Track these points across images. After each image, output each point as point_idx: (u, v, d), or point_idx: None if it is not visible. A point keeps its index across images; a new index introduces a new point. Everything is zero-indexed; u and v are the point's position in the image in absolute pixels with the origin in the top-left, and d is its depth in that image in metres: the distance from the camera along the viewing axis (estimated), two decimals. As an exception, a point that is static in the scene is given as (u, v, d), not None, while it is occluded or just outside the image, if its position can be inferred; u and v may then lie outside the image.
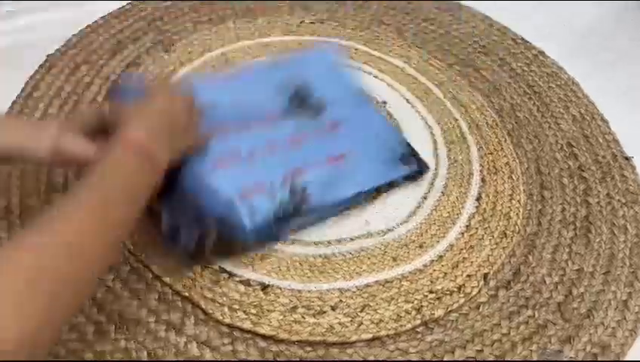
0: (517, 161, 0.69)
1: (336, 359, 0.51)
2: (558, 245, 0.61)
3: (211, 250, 0.53)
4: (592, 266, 0.60)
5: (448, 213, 0.63)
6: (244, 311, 0.53)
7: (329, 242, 0.59)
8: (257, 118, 0.61)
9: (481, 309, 0.55)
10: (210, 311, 0.52)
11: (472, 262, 0.59)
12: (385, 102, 0.74)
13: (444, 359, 0.51)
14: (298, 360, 0.50)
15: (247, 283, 0.55)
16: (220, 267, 0.55)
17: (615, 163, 0.70)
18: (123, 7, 0.84)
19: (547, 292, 0.57)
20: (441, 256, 0.59)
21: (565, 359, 0.52)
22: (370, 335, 0.52)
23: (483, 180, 0.67)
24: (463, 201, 0.64)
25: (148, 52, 0.77)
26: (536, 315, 0.55)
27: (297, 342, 0.51)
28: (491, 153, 0.70)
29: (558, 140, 0.72)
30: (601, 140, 0.72)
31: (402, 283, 0.56)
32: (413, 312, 0.54)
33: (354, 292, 0.55)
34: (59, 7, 0.82)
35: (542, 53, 0.84)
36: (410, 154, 0.64)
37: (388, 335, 0.52)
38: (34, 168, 0.60)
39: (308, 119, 0.63)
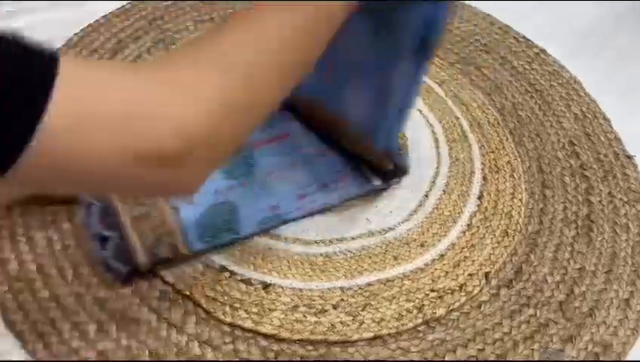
0: (518, 159, 0.69)
1: (338, 358, 0.51)
2: (559, 244, 0.61)
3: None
4: (593, 265, 0.59)
5: (450, 211, 0.63)
6: (246, 310, 0.53)
7: (330, 241, 0.59)
8: None
9: (482, 308, 0.55)
10: (212, 310, 0.52)
11: (473, 260, 0.59)
12: (386, 101, 0.74)
13: (446, 358, 0.51)
14: (299, 359, 0.50)
15: (248, 282, 0.55)
16: (221, 266, 0.56)
17: (617, 161, 0.70)
18: (123, 6, 0.84)
19: (549, 291, 0.57)
20: (442, 255, 0.59)
21: (567, 358, 0.52)
22: (371, 334, 0.52)
23: (484, 179, 0.66)
24: (464, 200, 0.64)
25: (149, 51, 0.77)
26: (538, 314, 0.55)
27: (299, 340, 0.51)
28: (493, 151, 0.69)
29: (560, 139, 0.72)
30: (602, 139, 0.72)
31: (403, 282, 0.56)
32: (415, 311, 0.54)
33: (355, 291, 0.55)
34: (59, 6, 0.82)
35: (543, 51, 0.84)
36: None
37: (389, 334, 0.52)
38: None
39: None
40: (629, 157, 0.70)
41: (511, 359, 0.52)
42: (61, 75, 0.28)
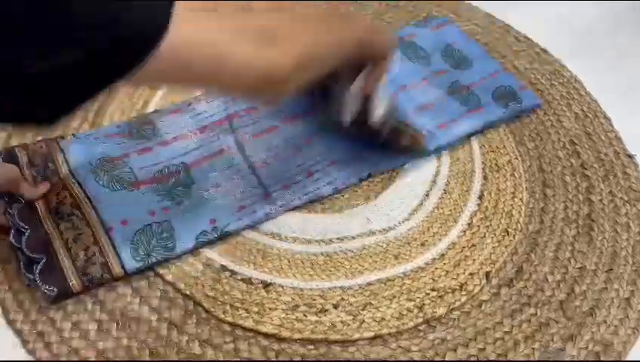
0: (519, 158, 0.69)
1: (338, 357, 0.51)
2: (560, 243, 0.61)
3: None
4: (594, 264, 0.59)
5: (450, 211, 0.63)
6: (246, 310, 0.53)
7: (331, 240, 0.59)
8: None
9: (483, 307, 0.55)
10: (212, 310, 0.52)
11: (474, 260, 0.59)
12: (386, 101, 0.74)
13: (447, 357, 0.51)
14: (300, 358, 0.50)
15: (249, 281, 0.55)
16: (221, 265, 0.56)
17: (618, 160, 0.70)
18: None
19: (549, 290, 0.57)
20: (443, 254, 0.59)
21: (567, 357, 0.52)
22: (372, 334, 0.52)
23: (485, 178, 0.66)
24: (465, 199, 0.64)
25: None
26: (539, 313, 0.55)
27: (299, 340, 0.51)
28: (493, 151, 0.69)
29: (561, 138, 0.72)
30: (603, 138, 0.72)
31: (404, 281, 0.56)
32: (415, 310, 0.54)
33: (356, 290, 0.55)
34: (60, 5, 0.82)
35: (544, 50, 0.84)
36: None
37: (390, 334, 0.52)
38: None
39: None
40: (630, 156, 0.70)
41: (512, 358, 0.52)
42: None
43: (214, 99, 0.68)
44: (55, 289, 0.50)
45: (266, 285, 0.55)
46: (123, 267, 0.53)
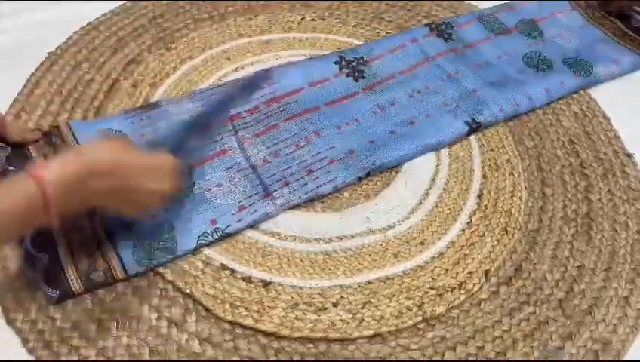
0: (518, 157, 0.69)
1: (338, 355, 0.51)
2: (559, 242, 0.61)
3: None
4: (593, 263, 0.59)
5: (449, 209, 0.63)
6: (246, 308, 0.53)
7: (330, 239, 0.59)
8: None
9: (482, 306, 0.55)
10: (212, 308, 0.52)
11: (473, 258, 0.59)
12: (386, 99, 0.74)
13: (446, 355, 0.51)
14: (299, 356, 0.50)
15: (248, 280, 0.55)
16: (221, 264, 0.56)
17: (616, 160, 0.70)
18: (124, 4, 0.84)
19: (548, 288, 0.57)
20: (442, 253, 0.59)
21: (566, 356, 0.52)
22: (371, 332, 0.52)
23: (484, 177, 0.66)
24: (464, 198, 0.64)
25: (149, 49, 0.77)
26: (538, 312, 0.55)
27: (299, 338, 0.51)
28: (492, 150, 0.70)
29: (560, 137, 0.72)
30: (602, 137, 0.72)
31: (403, 279, 0.56)
32: (415, 309, 0.54)
33: (355, 288, 0.55)
34: (60, 5, 0.82)
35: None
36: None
37: (389, 332, 0.53)
38: None
39: None
40: (629, 155, 0.70)
41: (510, 357, 0.52)
42: None
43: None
44: (57, 292, 0.51)
45: (266, 284, 0.55)
46: (125, 270, 0.53)
